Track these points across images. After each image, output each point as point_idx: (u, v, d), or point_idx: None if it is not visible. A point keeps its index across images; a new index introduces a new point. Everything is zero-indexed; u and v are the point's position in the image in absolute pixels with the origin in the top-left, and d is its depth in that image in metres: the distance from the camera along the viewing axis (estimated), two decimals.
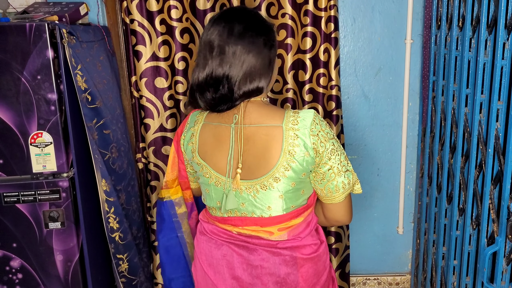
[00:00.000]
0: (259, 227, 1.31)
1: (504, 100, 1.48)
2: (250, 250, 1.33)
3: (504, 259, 1.46)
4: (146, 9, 2.04)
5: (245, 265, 1.34)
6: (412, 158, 2.41)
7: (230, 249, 1.36)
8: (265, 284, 1.33)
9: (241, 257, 1.34)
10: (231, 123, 1.27)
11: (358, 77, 2.31)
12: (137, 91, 2.13)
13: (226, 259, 1.36)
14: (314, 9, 2.05)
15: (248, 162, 1.26)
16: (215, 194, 1.33)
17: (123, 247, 1.88)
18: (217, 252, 1.37)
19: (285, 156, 1.22)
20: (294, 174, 1.24)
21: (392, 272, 2.55)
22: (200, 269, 1.43)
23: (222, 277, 1.37)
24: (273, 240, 1.32)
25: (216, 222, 1.38)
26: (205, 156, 1.32)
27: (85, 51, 1.79)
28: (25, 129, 1.63)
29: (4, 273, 1.73)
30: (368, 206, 2.46)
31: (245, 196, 1.28)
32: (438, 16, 2.02)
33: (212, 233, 1.39)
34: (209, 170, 1.31)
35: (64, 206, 1.70)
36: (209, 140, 1.31)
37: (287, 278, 1.33)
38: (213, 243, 1.39)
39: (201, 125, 1.34)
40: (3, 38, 1.57)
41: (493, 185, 1.53)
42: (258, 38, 1.22)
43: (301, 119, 1.24)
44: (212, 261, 1.39)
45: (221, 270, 1.37)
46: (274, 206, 1.28)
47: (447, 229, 1.97)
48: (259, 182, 1.26)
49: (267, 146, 1.24)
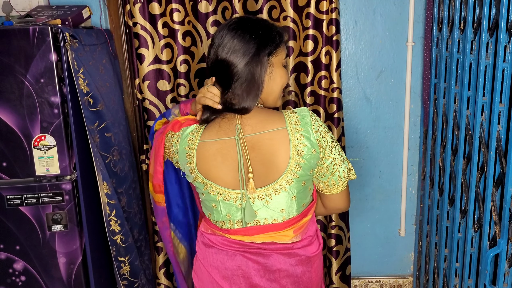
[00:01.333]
0: (274, 233, 1.32)
1: (506, 103, 1.48)
2: (266, 256, 1.34)
3: (506, 261, 1.46)
4: (149, 13, 2.05)
5: (262, 271, 1.34)
6: (414, 161, 2.41)
7: (244, 258, 1.34)
8: (283, 286, 1.35)
9: (257, 264, 1.33)
10: (234, 135, 1.26)
11: (359, 80, 2.32)
12: (140, 94, 2.14)
13: (242, 269, 1.34)
14: (315, 12, 2.05)
15: (258, 170, 1.27)
16: (224, 209, 1.31)
17: (124, 249, 1.88)
18: (231, 263, 1.35)
19: (294, 157, 1.24)
20: (304, 172, 1.26)
21: (394, 275, 2.55)
22: (210, 282, 1.39)
23: (238, 287, 1.36)
24: (289, 243, 1.34)
25: (226, 234, 1.35)
26: (208, 174, 1.29)
27: (87, 54, 1.80)
28: (28, 132, 1.64)
29: (7, 275, 1.73)
30: (370, 208, 2.46)
31: (258, 204, 1.28)
32: (439, 19, 2.02)
33: (222, 244, 1.36)
34: (216, 187, 1.29)
35: (67, 208, 1.70)
36: (210, 157, 1.28)
37: (303, 276, 1.36)
38: (224, 254, 1.35)
39: (197, 144, 1.29)
40: (6, 42, 1.58)
41: (495, 187, 1.53)
42: None
43: (301, 118, 1.27)
44: (226, 273, 1.35)
45: (237, 281, 1.35)
46: (287, 209, 1.30)
47: (449, 231, 1.97)
48: (271, 188, 1.27)
49: (273, 151, 1.25)
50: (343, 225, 2.29)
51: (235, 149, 1.26)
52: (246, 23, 1.25)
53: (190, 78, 2.15)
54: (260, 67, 1.22)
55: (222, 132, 1.27)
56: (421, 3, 2.21)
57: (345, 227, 2.31)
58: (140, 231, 2.14)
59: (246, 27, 1.23)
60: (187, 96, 2.16)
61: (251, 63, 1.21)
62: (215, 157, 1.27)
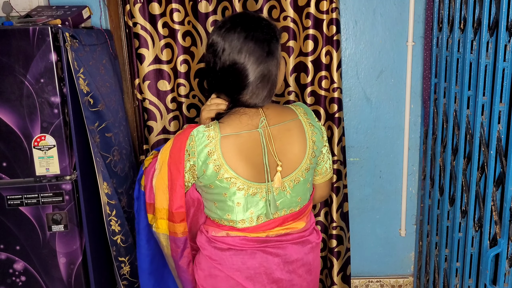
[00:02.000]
0: (291, 223, 1.36)
1: (506, 102, 1.48)
2: (283, 248, 1.36)
3: (506, 261, 1.46)
4: (149, 13, 2.05)
5: (282, 264, 1.36)
6: (414, 160, 2.41)
7: (265, 254, 1.34)
8: (300, 276, 1.39)
9: (277, 258, 1.35)
10: (257, 128, 1.28)
11: (360, 80, 2.32)
12: (140, 94, 2.14)
13: (264, 266, 1.34)
14: (316, 12, 2.05)
15: (281, 161, 1.31)
16: (250, 204, 1.30)
17: (124, 250, 1.88)
18: (253, 262, 1.34)
19: (310, 145, 1.34)
20: (315, 159, 1.36)
21: (395, 275, 2.55)
22: (231, 286, 1.35)
23: (261, 285, 1.35)
24: (302, 231, 1.39)
25: (245, 233, 1.33)
26: (237, 169, 1.26)
27: (88, 55, 1.80)
28: (29, 132, 1.64)
29: (7, 275, 1.73)
30: (370, 209, 2.46)
31: (280, 195, 1.32)
32: (439, 19, 2.02)
33: (241, 244, 1.33)
34: (245, 181, 1.27)
35: (67, 209, 1.70)
36: (235, 151, 1.26)
37: (313, 263, 1.43)
38: (244, 254, 1.34)
39: (219, 140, 1.25)
40: (6, 42, 1.58)
41: (495, 187, 1.53)
42: None
43: (305, 109, 1.38)
44: (249, 272, 1.34)
45: (260, 279, 1.35)
46: (303, 196, 1.36)
47: (450, 231, 1.97)
48: (292, 177, 1.32)
49: (292, 141, 1.32)
50: (343, 225, 2.29)
51: (259, 142, 1.28)
52: (250, 23, 1.25)
53: (190, 78, 2.15)
54: (276, 63, 1.26)
55: (244, 126, 1.28)
56: (421, 3, 2.21)
57: (346, 227, 2.30)
58: None
59: (252, 27, 1.24)
60: (187, 96, 2.16)
61: (266, 61, 1.24)
62: (241, 151, 1.27)
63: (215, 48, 1.24)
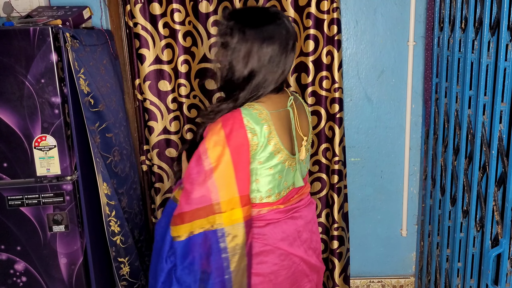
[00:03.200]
0: (304, 188, 1.52)
1: (508, 102, 1.48)
2: (301, 211, 1.50)
3: (508, 261, 1.46)
4: (149, 13, 2.05)
5: (304, 225, 1.50)
6: (415, 160, 2.40)
7: (293, 220, 1.47)
8: (314, 232, 1.55)
9: (301, 220, 1.49)
10: (288, 106, 1.42)
11: (361, 80, 2.31)
12: (140, 94, 2.14)
13: (296, 230, 1.47)
14: (316, 12, 2.05)
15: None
16: (287, 176, 1.42)
17: (124, 250, 1.88)
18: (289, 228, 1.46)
19: (310, 121, 1.55)
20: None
21: (396, 275, 2.55)
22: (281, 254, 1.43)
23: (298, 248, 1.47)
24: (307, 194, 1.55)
25: (279, 206, 1.44)
26: (283, 143, 1.39)
27: (88, 55, 1.80)
28: (29, 133, 1.64)
29: (8, 276, 1.73)
30: (372, 209, 2.46)
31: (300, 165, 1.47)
32: (440, 18, 2.02)
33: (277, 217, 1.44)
34: (287, 154, 1.39)
35: (68, 209, 1.70)
36: (279, 126, 1.38)
37: (316, 219, 1.60)
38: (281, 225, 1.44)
39: (269, 116, 1.34)
40: (7, 42, 1.58)
41: (497, 186, 1.53)
42: None
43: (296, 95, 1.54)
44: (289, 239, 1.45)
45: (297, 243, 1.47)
46: (307, 163, 1.54)
47: (451, 231, 1.97)
48: (308, 147, 1.51)
49: (304, 118, 1.50)
50: (344, 226, 2.28)
51: (289, 118, 1.42)
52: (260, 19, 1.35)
53: (191, 78, 2.15)
54: (293, 56, 1.40)
55: (278, 104, 1.39)
56: (422, 3, 2.20)
57: (346, 227, 2.30)
58: (140, 232, 2.14)
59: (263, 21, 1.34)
60: (188, 96, 2.16)
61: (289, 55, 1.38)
62: (283, 126, 1.39)
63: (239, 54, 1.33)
